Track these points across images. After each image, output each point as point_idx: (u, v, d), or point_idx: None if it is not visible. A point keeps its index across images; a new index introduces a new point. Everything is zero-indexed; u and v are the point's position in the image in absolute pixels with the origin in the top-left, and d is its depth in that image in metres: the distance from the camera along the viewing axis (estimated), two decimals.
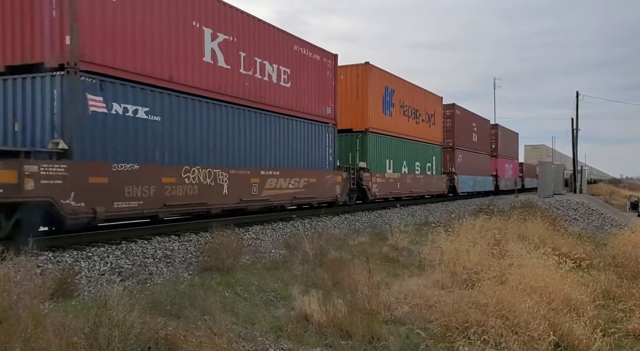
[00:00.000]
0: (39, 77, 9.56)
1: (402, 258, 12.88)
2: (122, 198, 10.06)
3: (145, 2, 10.80)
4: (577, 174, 41.08)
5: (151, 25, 10.98)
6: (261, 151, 14.51)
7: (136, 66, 10.62)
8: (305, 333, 7.02)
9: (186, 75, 11.86)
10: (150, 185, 10.66)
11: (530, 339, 7.10)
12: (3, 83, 9.85)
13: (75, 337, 5.08)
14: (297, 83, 16.12)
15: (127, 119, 10.42)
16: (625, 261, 13.21)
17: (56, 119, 9.45)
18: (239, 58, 13.62)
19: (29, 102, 9.65)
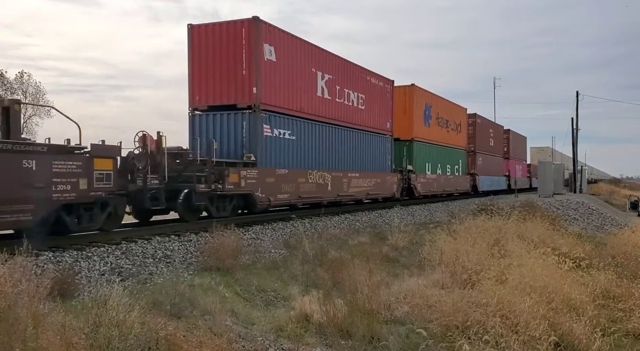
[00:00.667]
0: (233, 113, 14.50)
1: (402, 257, 12.89)
2: (281, 192, 14.93)
3: (287, 59, 15.54)
4: (577, 174, 41.08)
5: (290, 74, 15.69)
6: (348, 158, 19.18)
7: (283, 103, 15.36)
8: (306, 333, 7.02)
9: (307, 106, 16.66)
10: (293, 183, 15.54)
11: (531, 339, 7.10)
12: (206, 117, 14.87)
13: (76, 337, 5.08)
14: (368, 105, 20.69)
15: (280, 139, 15.34)
16: (625, 261, 13.20)
17: (245, 140, 14.34)
18: (335, 90, 18.37)
19: (225, 129, 14.56)
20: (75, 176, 9.36)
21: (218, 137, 14.30)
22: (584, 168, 48.48)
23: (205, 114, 14.84)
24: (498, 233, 13.53)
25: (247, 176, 13.52)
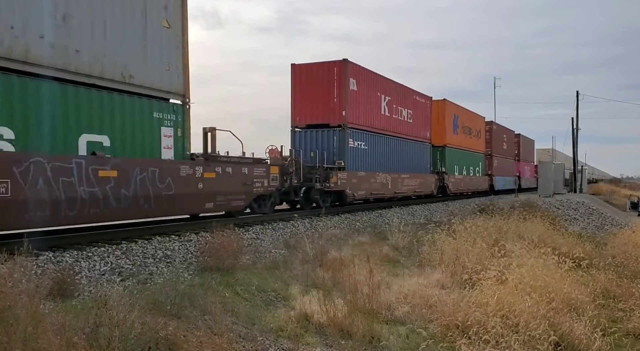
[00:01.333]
0: (327, 130, 19.36)
1: (403, 257, 12.89)
2: (360, 189, 19.89)
3: (363, 87, 20.41)
4: (578, 174, 41.10)
5: (365, 99, 20.56)
6: (401, 163, 23.92)
7: (360, 121, 20.28)
8: (306, 333, 7.02)
9: (375, 122, 21.53)
10: (367, 183, 20.53)
11: (531, 338, 7.10)
12: (304, 133, 19.74)
13: (76, 337, 5.08)
14: (414, 119, 25.50)
15: (359, 149, 20.25)
16: (626, 261, 13.20)
17: (336, 151, 19.11)
18: (392, 109, 23.17)
19: (320, 142, 19.33)
20: (263, 178, 14.80)
21: (314, 148, 19.27)
22: (584, 168, 48.51)
23: (304, 131, 19.74)
24: (498, 232, 13.53)
25: (341, 177, 18.48)
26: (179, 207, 11.72)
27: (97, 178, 9.60)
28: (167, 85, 11.73)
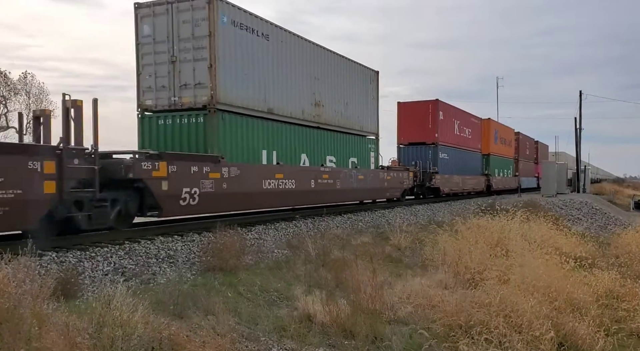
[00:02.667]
0: (424, 146, 28.09)
1: (405, 258, 12.88)
2: (447, 186, 29.17)
3: (446, 116, 29.15)
4: (581, 174, 41.01)
5: (447, 124, 29.40)
6: (465, 167, 32.76)
7: (445, 140, 29.04)
8: (309, 333, 7.02)
9: (451, 139, 30.07)
10: (450, 182, 29.62)
11: (534, 338, 7.09)
12: (406, 149, 28.88)
13: (79, 337, 5.09)
14: (472, 135, 34.42)
15: (445, 159, 29.07)
16: (629, 261, 13.15)
17: (431, 160, 27.52)
18: (460, 128, 32.04)
19: (419, 155, 27.70)
20: (406, 179, 24.52)
21: (414, 159, 27.62)
22: (587, 168, 48.45)
23: (407, 147, 28.92)
24: (501, 232, 13.49)
25: (437, 178, 27.86)
26: (375, 194, 22.17)
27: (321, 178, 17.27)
28: (373, 129, 21.99)
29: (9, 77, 38.79)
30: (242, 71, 13.83)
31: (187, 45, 13.06)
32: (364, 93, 20.94)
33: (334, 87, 18.49)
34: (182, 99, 13.24)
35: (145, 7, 13.50)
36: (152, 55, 13.43)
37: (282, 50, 15.47)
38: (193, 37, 12.96)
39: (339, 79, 18.83)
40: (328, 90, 18.09)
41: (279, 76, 15.37)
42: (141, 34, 13.57)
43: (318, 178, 16.98)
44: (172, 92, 13.31)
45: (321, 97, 17.62)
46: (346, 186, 18.65)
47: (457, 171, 30.91)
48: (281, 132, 15.63)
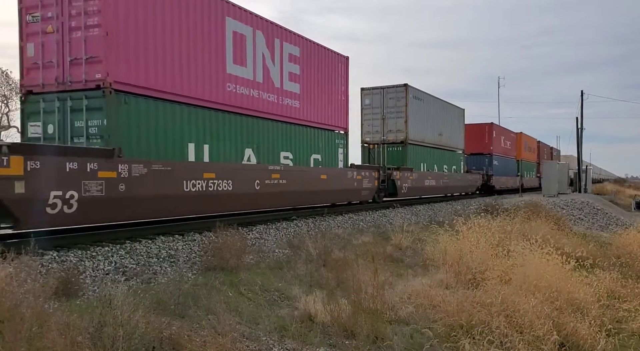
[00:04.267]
0: (481, 156, 37.57)
1: (406, 257, 12.87)
2: (500, 185, 39.09)
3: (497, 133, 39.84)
4: (582, 174, 40.97)
5: (498, 139, 40.22)
6: (506, 170, 41.34)
7: (496, 151, 39.10)
8: (310, 332, 7.02)
9: (500, 150, 40.44)
10: (499, 182, 39.00)
11: (535, 339, 7.08)
12: (470, 158, 36.30)
13: (80, 336, 5.09)
14: (511, 145, 43.58)
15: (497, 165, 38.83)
16: (631, 261, 13.13)
17: (488, 166, 37.70)
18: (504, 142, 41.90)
19: (478, 162, 37.25)
20: (481, 179, 35.56)
21: (475, 165, 36.47)
22: (589, 168, 48.41)
23: (469, 156, 35.75)
24: (502, 232, 13.47)
25: (493, 179, 36.78)
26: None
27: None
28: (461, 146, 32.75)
29: (10, 77, 38.87)
30: (419, 120, 25.82)
31: (391, 109, 24.76)
32: (457, 123, 32.33)
33: (443, 122, 29.41)
34: (388, 137, 24.69)
35: (367, 90, 25.31)
36: (371, 115, 25.20)
37: (427, 105, 27.07)
38: (395, 105, 24.73)
39: (445, 117, 29.87)
40: (442, 124, 29.29)
41: (427, 120, 27.10)
42: (364, 103, 25.14)
43: None
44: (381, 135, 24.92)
45: (442, 129, 29.31)
46: None
47: (504, 173, 40.77)
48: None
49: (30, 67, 11.05)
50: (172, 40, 11.62)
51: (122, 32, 10.35)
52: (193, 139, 12.21)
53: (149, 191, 10.54)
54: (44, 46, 10.81)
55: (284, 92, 15.60)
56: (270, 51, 15.01)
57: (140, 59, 10.81)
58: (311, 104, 16.93)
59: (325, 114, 17.76)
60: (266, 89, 14.79)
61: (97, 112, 10.29)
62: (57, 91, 10.61)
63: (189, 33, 12.04)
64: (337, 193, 18.43)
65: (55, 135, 10.72)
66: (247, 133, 14.03)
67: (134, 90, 10.72)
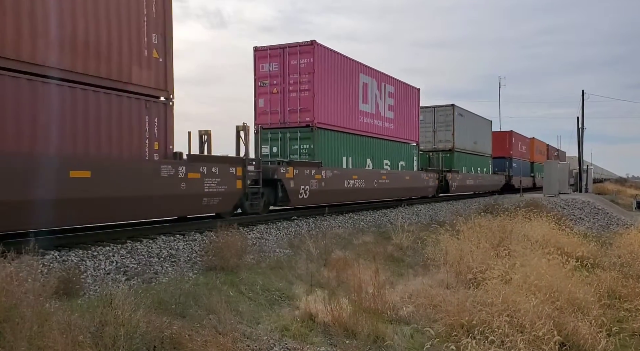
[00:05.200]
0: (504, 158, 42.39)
1: (407, 257, 12.87)
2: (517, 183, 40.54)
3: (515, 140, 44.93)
4: (583, 173, 40.95)
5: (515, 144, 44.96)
6: (522, 170, 45.27)
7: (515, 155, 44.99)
8: (310, 332, 7.03)
9: (518, 154, 45.51)
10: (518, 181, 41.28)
11: (536, 338, 7.08)
12: (494, 160, 39.54)
13: (81, 336, 5.10)
14: (526, 149, 48.19)
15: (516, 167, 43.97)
16: (631, 261, 13.13)
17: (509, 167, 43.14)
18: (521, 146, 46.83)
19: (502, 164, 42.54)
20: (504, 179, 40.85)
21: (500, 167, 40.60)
22: (590, 167, 48.40)
23: (494, 159, 39.03)
24: (502, 232, 13.48)
25: (514, 179, 41.55)
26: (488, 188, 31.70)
27: None
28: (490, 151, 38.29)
29: None
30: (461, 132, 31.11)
31: (441, 124, 30.23)
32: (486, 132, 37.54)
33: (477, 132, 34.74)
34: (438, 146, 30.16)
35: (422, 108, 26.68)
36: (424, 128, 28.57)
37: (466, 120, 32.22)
38: (444, 121, 30.11)
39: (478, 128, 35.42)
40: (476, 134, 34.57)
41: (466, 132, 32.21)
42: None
43: None
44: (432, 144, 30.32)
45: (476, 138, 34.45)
46: None
47: (522, 174, 44.36)
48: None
49: (260, 113, 17.83)
50: (336, 95, 18.45)
51: (318, 94, 17.22)
52: (344, 154, 19.14)
53: (334, 186, 17.65)
54: (270, 101, 17.60)
55: (385, 118, 22.35)
56: (379, 91, 21.82)
57: (325, 108, 17.72)
58: (399, 125, 23.56)
59: (406, 132, 24.41)
60: (377, 118, 21.54)
61: (306, 140, 17.26)
62: (280, 127, 17.52)
63: (343, 89, 18.91)
64: (415, 190, 25.41)
65: (278, 153, 17.44)
66: (367, 148, 20.79)
67: (323, 126, 17.62)
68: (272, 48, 17.34)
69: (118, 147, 10.03)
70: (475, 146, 34.43)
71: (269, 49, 17.37)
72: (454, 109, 30.27)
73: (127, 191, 9.98)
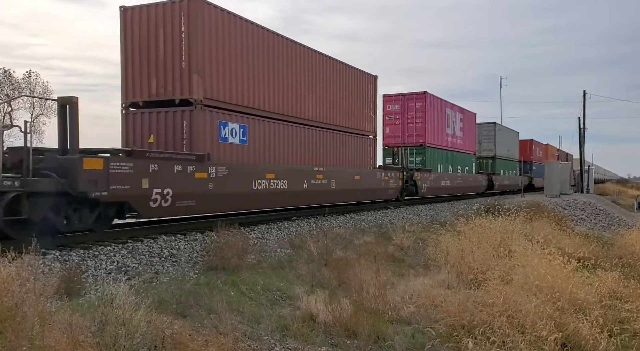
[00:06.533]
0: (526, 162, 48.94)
1: (408, 257, 12.86)
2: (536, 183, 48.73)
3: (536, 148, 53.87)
4: (584, 174, 40.92)
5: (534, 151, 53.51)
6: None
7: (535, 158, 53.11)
8: (311, 332, 7.02)
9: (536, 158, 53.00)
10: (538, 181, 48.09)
11: (537, 339, 7.07)
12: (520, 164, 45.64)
13: (82, 335, 5.10)
14: (542, 153, 55.21)
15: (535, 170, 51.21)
16: (633, 261, 13.11)
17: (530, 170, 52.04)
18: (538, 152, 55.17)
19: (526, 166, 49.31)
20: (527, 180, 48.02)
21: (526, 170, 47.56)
22: (591, 168, 48.39)
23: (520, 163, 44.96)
24: (504, 232, 13.45)
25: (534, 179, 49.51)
26: None
27: None
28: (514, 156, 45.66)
29: (13, 76, 38.94)
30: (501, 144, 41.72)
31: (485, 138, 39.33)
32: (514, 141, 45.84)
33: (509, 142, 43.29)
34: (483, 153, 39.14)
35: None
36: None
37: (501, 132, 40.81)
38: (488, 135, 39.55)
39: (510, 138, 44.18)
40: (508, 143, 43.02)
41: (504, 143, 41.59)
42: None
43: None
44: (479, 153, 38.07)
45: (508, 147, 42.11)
46: None
47: (539, 175, 47.30)
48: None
49: (386, 137, 27.06)
50: (437, 124, 28.37)
51: (429, 124, 26.87)
52: (439, 163, 28.36)
53: (437, 184, 27.10)
54: (394, 129, 27.15)
55: (457, 136, 31.73)
56: (454, 118, 31.25)
57: (430, 133, 27.01)
58: (464, 140, 32.96)
59: (468, 144, 33.62)
60: (453, 136, 31.06)
61: (420, 154, 26.48)
62: (401, 146, 25.42)
63: (438, 119, 28.63)
64: (474, 188, 34.53)
65: (400, 164, 24.18)
66: (450, 160, 30.19)
67: (432, 145, 27.09)
68: (396, 95, 27.23)
69: (356, 162, 19.82)
70: (508, 153, 43.34)
71: (394, 96, 27.17)
72: (495, 126, 40.09)
73: (356, 185, 19.30)
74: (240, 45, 13.51)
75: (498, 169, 39.41)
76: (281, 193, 14.52)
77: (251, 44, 13.92)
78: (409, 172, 24.51)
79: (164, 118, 12.33)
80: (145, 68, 12.59)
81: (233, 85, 13.25)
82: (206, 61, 12.33)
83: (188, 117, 12.02)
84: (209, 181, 11.93)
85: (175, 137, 12.10)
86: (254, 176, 13.54)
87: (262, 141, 14.22)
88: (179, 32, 12.15)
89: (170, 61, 12.31)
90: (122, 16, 12.88)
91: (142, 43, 12.61)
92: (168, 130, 12.27)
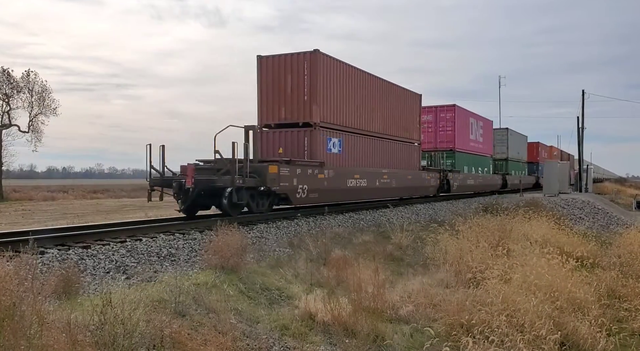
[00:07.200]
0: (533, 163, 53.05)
1: (407, 256, 12.87)
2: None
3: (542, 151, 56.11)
4: (583, 173, 40.96)
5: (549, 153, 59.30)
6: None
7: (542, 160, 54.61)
8: (310, 331, 7.03)
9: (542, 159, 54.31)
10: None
11: (535, 338, 7.08)
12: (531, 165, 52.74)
13: (81, 335, 5.09)
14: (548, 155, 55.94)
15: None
16: (631, 260, 13.12)
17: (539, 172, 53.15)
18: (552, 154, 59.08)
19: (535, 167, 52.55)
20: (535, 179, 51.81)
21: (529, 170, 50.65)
22: (590, 167, 48.45)
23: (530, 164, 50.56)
24: (502, 232, 13.47)
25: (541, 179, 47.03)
26: None
27: None
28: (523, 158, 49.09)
29: (12, 75, 38.88)
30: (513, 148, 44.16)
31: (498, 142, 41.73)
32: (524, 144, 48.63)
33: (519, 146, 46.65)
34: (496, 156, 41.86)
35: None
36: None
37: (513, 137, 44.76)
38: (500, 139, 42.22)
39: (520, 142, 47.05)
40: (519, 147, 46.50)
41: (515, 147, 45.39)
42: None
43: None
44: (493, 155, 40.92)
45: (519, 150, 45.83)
46: None
47: None
48: None
49: (422, 143, 26.53)
50: (464, 131, 31.95)
51: (458, 131, 30.60)
52: (465, 164, 31.81)
53: (464, 182, 31.30)
54: (428, 136, 29.53)
55: (478, 141, 35.14)
56: (476, 126, 34.52)
57: (459, 139, 30.65)
58: (484, 143, 36.54)
59: (486, 148, 37.13)
60: (475, 141, 34.33)
61: (450, 158, 29.89)
62: (432, 150, 29.29)
63: (465, 127, 32.10)
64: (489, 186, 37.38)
65: (431, 165, 27.87)
66: (473, 162, 33.46)
67: (459, 150, 30.71)
68: (429, 107, 30.07)
69: (408, 165, 24.10)
70: (518, 155, 46.72)
71: (427, 108, 29.15)
72: (508, 131, 43.23)
73: (408, 183, 23.69)
74: (339, 81, 18.40)
75: (510, 170, 43.12)
76: (363, 189, 19.56)
77: (344, 79, 18.76)
78: (443, 172, 28.83)
79: (290, 136, 17.11)
80: (277, 100, 17.28)
81: (335, 110, 18.03)
82: (320, 94, 16.95)
83: (309, 135, 16.84)
84: (324, 180, 16.76)
85: (298, 150, 16.86)
86: (348, 176, 18.48)
87: (351, 150, 19.14)
88: (302, 75, 16.97)
89: (295, 95, 17.02)
90: (258, 62, 17.68)
91: (274, 82, 17.34)
92: (293, 144, 17.03)
